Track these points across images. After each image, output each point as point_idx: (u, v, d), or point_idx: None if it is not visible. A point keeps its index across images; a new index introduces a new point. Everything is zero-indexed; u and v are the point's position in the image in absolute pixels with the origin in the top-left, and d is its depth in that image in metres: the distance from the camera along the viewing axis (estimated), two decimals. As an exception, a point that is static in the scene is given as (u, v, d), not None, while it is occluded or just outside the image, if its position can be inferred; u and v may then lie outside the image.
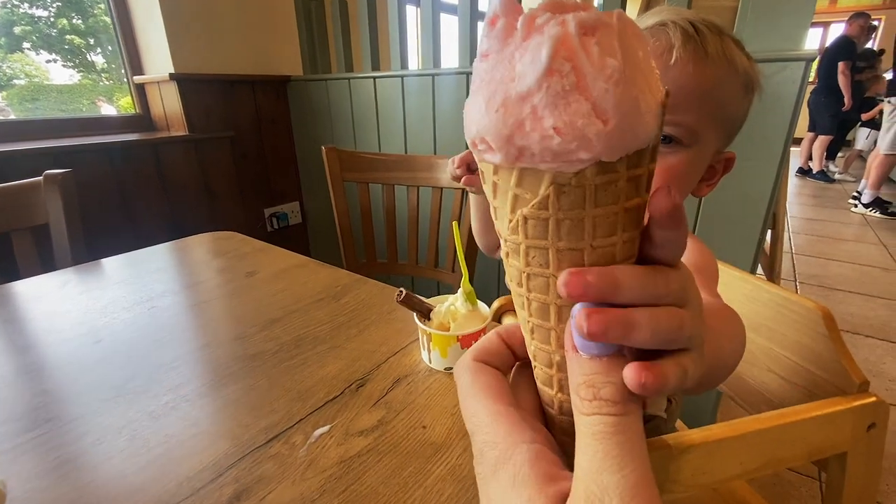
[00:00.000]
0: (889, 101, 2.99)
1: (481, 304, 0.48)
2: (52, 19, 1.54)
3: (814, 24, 0.80)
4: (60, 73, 1.59)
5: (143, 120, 1.73)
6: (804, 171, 4.46)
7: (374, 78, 1.47)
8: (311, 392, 0.42)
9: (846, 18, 3.84)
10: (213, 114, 1.68)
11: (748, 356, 0.65)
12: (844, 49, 3.76)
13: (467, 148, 0.67)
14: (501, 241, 0.17)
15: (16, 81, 1.50)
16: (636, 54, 0.14)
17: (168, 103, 1.66)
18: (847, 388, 0.52)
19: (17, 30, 1.45)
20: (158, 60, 1.61)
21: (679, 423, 0.67)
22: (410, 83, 1.38)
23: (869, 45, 4.14)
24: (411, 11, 1.38)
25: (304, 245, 2.05)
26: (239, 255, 0.77)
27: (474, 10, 1.23)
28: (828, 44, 3.96)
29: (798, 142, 4.38)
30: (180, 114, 1.62)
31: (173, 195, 1.59)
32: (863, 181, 3.30)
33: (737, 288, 0.62)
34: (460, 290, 0.46)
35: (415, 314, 0.46)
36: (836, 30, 3.98)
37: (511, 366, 0.21)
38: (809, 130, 4.28)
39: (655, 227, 0.16)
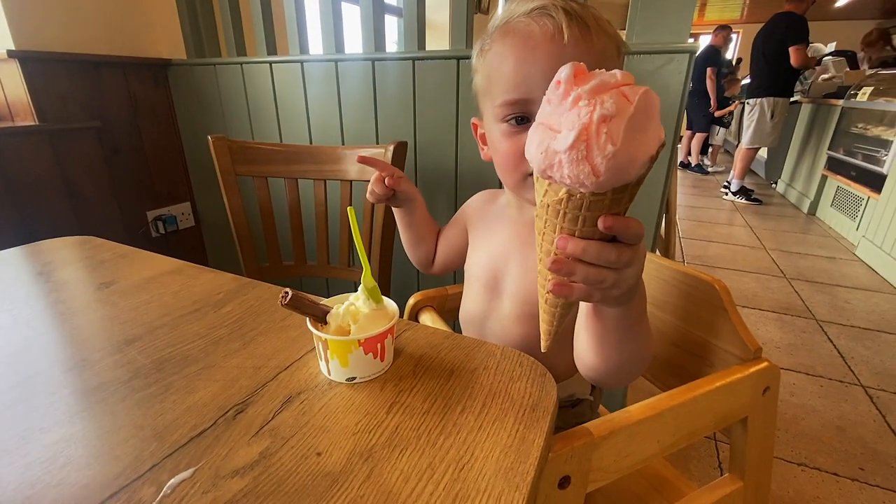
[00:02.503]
0: (747, 103, 3.46)
1: (388, 301, 0.42)
2: None
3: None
4: None
5: (-26, 107, 1.41)
6: (684, 165, 5.03)
7: (271, 63, 1.33)
8: (171, 428, 0.33)
9: (712, 30, 4.40)
10: (71, 100, 1.41)
11: (656, 333, 0.67)
12: (712, 57, 4.30)
13: (377, 142, 0.77)
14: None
15: None
16: (639, 127, 0.24)
17: (9, 87, 1.36)
18: (744, 356, 0.55)
19: None
20: (-8, 34, 1.31)
21: (602, 409, 0.67)
22: (312, 69, 1.27)
23: (729, 53, 4.78)
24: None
25: (199, 251, 1.82)
26: (92, 264, 0.62)
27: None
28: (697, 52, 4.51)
29: (679, 139, 4.94)
30: (26, 100, 1.34)
31: (21, 197, 1.31)
32: (731, 172, 3.79)
33: (645, 268, 0.63)
34: (361, 287, 0.40)
35: (307, 319, 0.38)
36: (705, 40, 4.53)
37: None
38: (688, 129, 4.85)
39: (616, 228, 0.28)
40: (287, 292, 0.36)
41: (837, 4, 5.66)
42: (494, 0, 3.56)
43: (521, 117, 0.44)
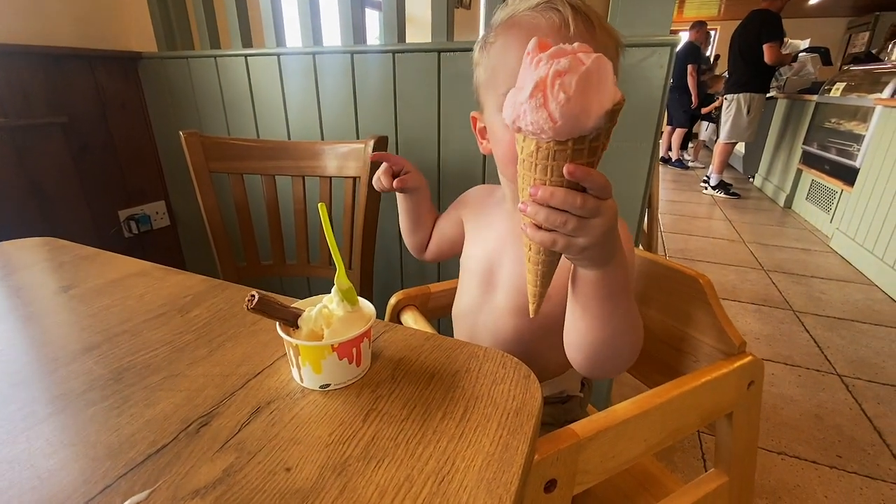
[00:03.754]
0: (725, 98, 3.51)
1: (364, 303, 0.40)
2: None
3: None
4: None
5: (-72, 102, 1.33)
6: (665, 160, 5.10)
7: (246, 56, 1.29)
8: (127, 444, 0.31)
9: (689, 27, 4.45)
10: (33, 95, 1.34)
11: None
12: (691, 53, 4.35)
13: (358, 136, 0.83)
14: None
15: None
16: (591, 83, 0.27)
17: (-34, 80, 1.29)
18: (728, 351, 0.54)
19: None
20: (-56, 23, 1.24)
21: (589, 409, 0.67)
22: (289, 62, 1.23)
23: (708, 50, 4.86)
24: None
25: (175, 252, 1.76)
26: (52, 266, 0.58)
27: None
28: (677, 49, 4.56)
29: (660, 134, 5.01)
30: (-16, 94, 1.27)
31: (-20, 198, 1.24)
32: (710, 167, 3.85)
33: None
34: (335, 288, 0.38)
35: (277, 323, 0.36)
36: (683, 37, 4.58)
37: None
38: (668, 124, 4.91)
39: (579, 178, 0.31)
40: (253, 295, 0.34)
41: (811, 2, 5.79)
42: (476, -6, 3.53)
43: None
